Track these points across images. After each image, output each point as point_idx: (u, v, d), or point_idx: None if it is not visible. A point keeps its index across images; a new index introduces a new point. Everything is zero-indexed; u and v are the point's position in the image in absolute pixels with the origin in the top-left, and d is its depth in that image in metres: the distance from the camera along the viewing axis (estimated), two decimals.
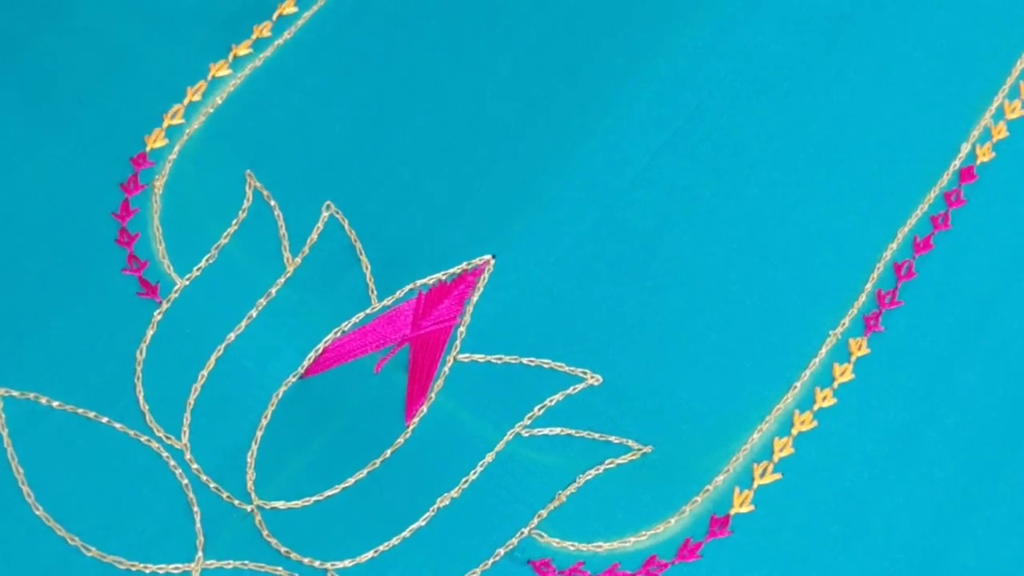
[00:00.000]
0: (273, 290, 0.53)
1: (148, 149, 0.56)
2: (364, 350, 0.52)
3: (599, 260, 0.54)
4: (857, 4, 0.59)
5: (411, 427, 0.50)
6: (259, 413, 0.51)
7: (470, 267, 0.53)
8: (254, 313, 0.53)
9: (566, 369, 0.51)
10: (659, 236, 0.54)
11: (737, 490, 0.50)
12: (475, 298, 0.53)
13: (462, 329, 0.52)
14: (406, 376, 0.51)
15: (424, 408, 0.51)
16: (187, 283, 0.53)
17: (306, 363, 0.51)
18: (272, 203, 0.55)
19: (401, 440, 0.50)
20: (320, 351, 0.52)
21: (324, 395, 0.51)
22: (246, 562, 0.48)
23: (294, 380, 0.51)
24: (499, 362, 0.52)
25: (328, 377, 0.51)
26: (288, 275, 0.53)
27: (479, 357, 0.52)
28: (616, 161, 0.56)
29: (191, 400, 0.51)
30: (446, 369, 0.51)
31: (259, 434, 0.50)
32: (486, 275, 0.53)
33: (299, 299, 0.53)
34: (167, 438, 0.50)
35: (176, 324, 0.52)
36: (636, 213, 0.55)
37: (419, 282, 0.53)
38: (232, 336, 0.52)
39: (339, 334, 0.52)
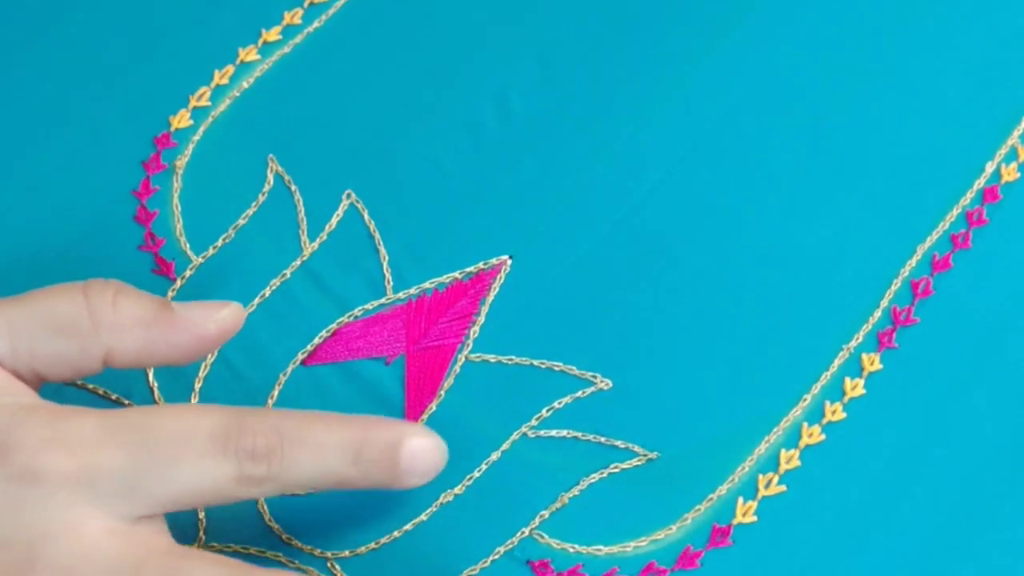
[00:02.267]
0: (288, 272, 0.53)
1: (172, 129, 0.56)
2: (374, 340, 0.52)
3: (615, 265, 0.54)
4: (886, 20, 0.59)
5: (419, 423, 0.50)
6: (266, 394, 0.51)
7: (487, 267, 0.53)
8: (267, 292, 0.53)
9: (576, 372, 0.51)
10: (676, 243, 0.54)
11: (741, 500, 0.50)
12: (491, 298, 0.53)
13: (476, 328, 0.52)
14: (417, 372, 0.51)
15: (433, 405, 0.51)
16: (202, 261, 0.53)
17: (311, 347, 0.51)
18: (293, 188, 0.55)
19: None
20: (330, 332, 0.52)
21: (332, 383, 0.51)
22: (247, 546, 0.48)
23: (300, 362, 0.51)
24: (510, 363, 0.52)
25: (336, 366, 0.51)
26: (304, 258, 0.54)
27: (491, 357, 0.52)
28: (637, 166, 0.56)
29: (200, 376, 0.51)
30: (457, 368, 0.52)
31: None
32: (502, 275, 0.53)
33: (313, 283, 0.53)
34: None
35: (189, 301, 0.52)
36: (654, 220, 0.55)
37: (435, 280, 0.53)
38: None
39: (351, 318, 0.52)
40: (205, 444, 0.43)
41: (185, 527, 0.48)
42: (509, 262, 0.54)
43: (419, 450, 0.46)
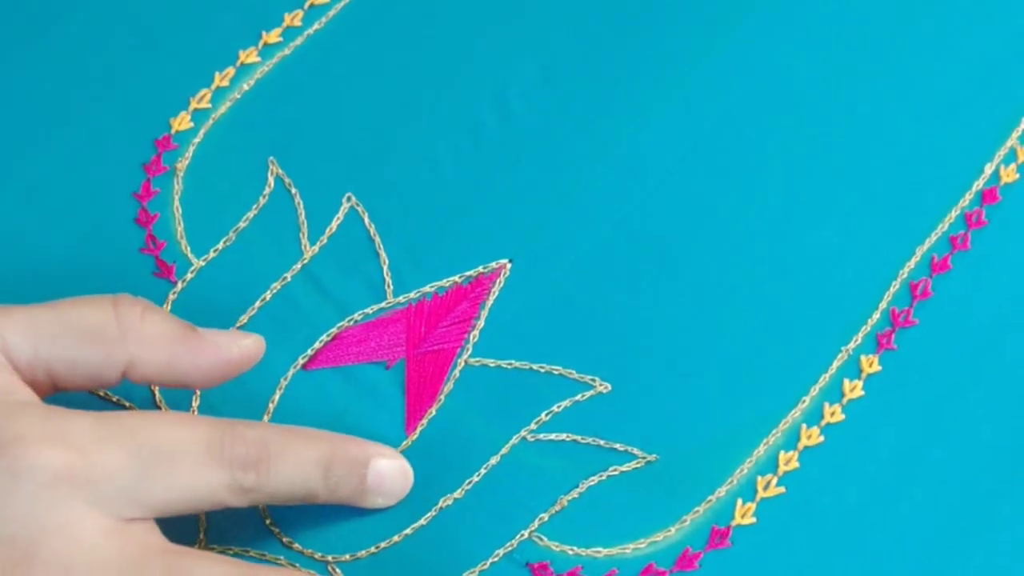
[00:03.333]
0: (288, 275, 0.53)
1: (173, 131, 0.56)
2: (373, 345, 0.52)
3: (614, 268, 0.54)
4: (886, 21, 0.59)
5: (419, 428, 0.50)
6: (267, 397, 0.51)
7: (487, 270, 0.53)
8: (268, 296, 0.53)
9: (575, 376, 0.52)
10: (675, 245, 0.54)
11: (740, 502, 0.50)
12: (490, 302, 0.53)
13: (475, 332, 0.52)
14: (417, 376, 0.51)
15: (433, 410, 0.51)
16: (203, 264, 0.53)
17: (311, 352, 0.51)
18: (293, 191, 0.55)
19: (408, 441, 0.50)
20: (331, 336, 0.52)
21: (332, 388, 0.51)
22: (248, 549, 0.49)
23: (301, 367, 0.51)
24: (510, 367, 0.52)
25: (337, 371, 0.51)
26: (304, 262, 0.54)
27: (490, 361, 0.52)
28: (637, 167, 0.56)
29: None
30: (457, 372, 0.52)
31: (266, 419, 0.51)
32: (502, 279, 0.53)
33: (314, 287, 0.53)
34: None
35: (189, 304, 0.52)
36: (653, 221, 0.55)
37: (436, 284, 0.53)
38: (244, 319, 0.52)
39: (351, 322, 0.52)
40: (203, 452, 0.43)
41: (185, 528, 0.48)
42: (509, 266, 0.54)
43: (385, 471, 0.48)
